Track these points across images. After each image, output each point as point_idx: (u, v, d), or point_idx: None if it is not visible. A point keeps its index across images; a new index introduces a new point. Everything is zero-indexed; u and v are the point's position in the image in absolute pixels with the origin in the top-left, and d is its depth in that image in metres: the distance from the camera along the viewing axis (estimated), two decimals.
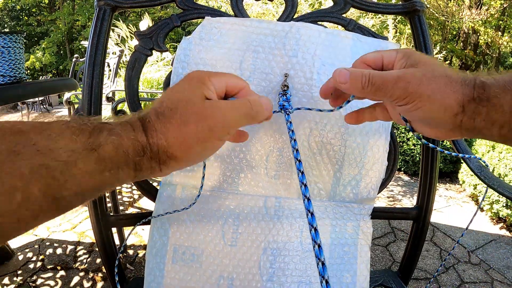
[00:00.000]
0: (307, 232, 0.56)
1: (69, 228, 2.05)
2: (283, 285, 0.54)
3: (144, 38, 0.58)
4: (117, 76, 2.38)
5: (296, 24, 0.56)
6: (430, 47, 0.62)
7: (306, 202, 0.30)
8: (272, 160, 0.55)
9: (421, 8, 0.61)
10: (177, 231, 0.55)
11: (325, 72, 0.55)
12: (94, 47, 0.57)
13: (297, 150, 0.38)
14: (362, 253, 0.58)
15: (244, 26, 0.56)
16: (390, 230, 2.18)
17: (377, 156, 0.57)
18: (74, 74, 2.76)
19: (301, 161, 0.36)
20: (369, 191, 0.57)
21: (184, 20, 0.59)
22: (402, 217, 0.66)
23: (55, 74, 14.00)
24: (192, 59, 0.55)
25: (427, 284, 1.37)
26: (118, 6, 0.59)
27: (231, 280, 0.54)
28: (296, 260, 0.55)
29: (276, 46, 0.55)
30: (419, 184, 0.65)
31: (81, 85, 0.75)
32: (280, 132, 0.54)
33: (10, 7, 14.52)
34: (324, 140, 0.54)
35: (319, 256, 0.26)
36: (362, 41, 0.58)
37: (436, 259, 1.88)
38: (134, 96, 0.58)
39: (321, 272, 0.25)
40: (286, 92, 0.50)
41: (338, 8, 0.61)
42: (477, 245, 2.04)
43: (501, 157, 2.38)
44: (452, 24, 7.30)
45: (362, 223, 0.58)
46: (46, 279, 1.55)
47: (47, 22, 13.33)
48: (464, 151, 0.62)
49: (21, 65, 1.23)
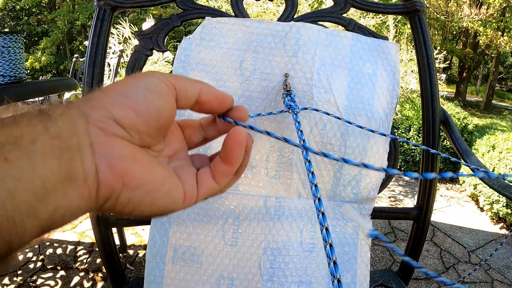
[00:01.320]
0: (307, 232, 0.56)
1: (69, 228, 2.05)
2: (283, 285, 0.54)
3: (144, 38, 0.58)
4: (117, 76, 2.37)
5: (296, 24, 0.56)
6: (430, 47, 0.62)
7: (317, 203, 0.30)
8: (272, 160, 0.55)
9: (421, 8, 0.61)
10: (177, 231, 0.55)
11: (325, 72, 0.55)
12: (94, 47, 0.57)
13: (307, 151, 0.38)
14: (362, 253, 0.58)
15: (244, 26, 0.56)
16: (390, 230, 2.18)
17: (377, 156, 0.57)
18: (74, 74, 2.76)
19: (310, 162, 0.36)
20: (369, 191, 0.57)
21: (184, 20, 0.59)
22: (402, 217, 0.66)
23: (55, 74, 14.00)
24: (192, 59, 0.55)
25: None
26: (118, 6, 0.59)
27: (231, 280, 0.54)
28: (296, 260, 0.55)
29: (276, 46, 0.55)
30: (420, 184, 0.65)
31: (81, 85, 0.76)
32: (280, 132, 0.54)
33: (10, 7, 14.53)
34: (324, 140, 0.54)
35: (331, 256, 0.26)
36: (362, 41, 0.58)
37: (436, 259, 1.88)
38: None
39: (333, 272, 0.26)
40: (291, 92, 0.50)
41: (338, 8, 0.61)
42: (477, 245, 2.04)
43: (501, 157, 2.38)
44: (452, 24, 7.30)
45: (362, 223, 0.58)
46: (46, 279, 1.55)
47: (47, 21, 13.33)
48: (465, 151, 0.62)
49: (21, 65, 1.23)
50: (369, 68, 0.57)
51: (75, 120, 0.19)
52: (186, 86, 0.23)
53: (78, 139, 0.18)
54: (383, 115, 0.57)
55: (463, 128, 3.11)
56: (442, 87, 3.92)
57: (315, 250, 0.56)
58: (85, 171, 0.18)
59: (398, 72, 0.58)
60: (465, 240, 2.09)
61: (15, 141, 0.16)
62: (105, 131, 0.19)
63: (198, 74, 0.54)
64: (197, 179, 0.24)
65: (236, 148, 0.24)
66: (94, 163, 0.19)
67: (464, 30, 8.48)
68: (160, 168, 0.22)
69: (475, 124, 5.20)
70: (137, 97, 0.21)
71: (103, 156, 0.19)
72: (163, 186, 0.22)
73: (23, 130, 0.17)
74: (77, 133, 0.18)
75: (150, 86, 0.21)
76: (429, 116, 0.62)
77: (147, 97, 0.21)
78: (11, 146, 0.16)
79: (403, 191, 2.82)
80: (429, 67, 0.62)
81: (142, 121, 0.21)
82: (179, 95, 0.23)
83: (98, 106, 0.20)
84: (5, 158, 0.16)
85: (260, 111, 0.54)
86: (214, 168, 0.25)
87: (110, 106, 0.20)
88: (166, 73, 0.23)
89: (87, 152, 0.19)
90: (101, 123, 0.19)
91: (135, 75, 0.22)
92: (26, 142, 0.17)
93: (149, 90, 0.21)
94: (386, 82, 0.57)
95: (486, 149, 2.59)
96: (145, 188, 0.21)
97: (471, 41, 9.11)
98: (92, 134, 0.19)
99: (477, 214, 2.45)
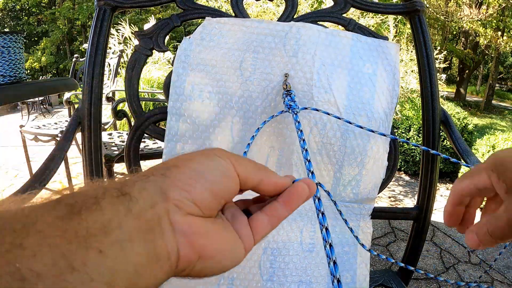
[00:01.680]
0: (307, 232, 0.56)
1: None
2: (283, 284, 0.54)
3: (144, 38, 0.58)
4: (117, 76, 2.37)
5: (296, 24, 0.56)
6: (430, 47, 0.62)
7: (317, 202, 0.30)
8: (272, 160, 0.55)
9: (421, 8, 0.61)
10: None
11: (325, 72, 0.55)
12: (94, 47, 0.57)
13: (306, 150, 0.38)
14: (362, 253, 0.58)
15: (244, 26, 0.56)
16: (390, 230, 2.18)
17: (377, 156, 0.57)
18: (74, 74, 2.76)
19: (310, 161, 0.36)
20: (369, 191, 0.57)
21: (184, 20, 0.59)
22: (402, 217, 0.66)
23: (55, 74, 14.01)
24: (192, 59, 0.55)
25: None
26: (118, 6, 0.59)
27: (231, 279, 0.54)
28: (296, 260, 0.55)
29: (276, 46, 0.55)
30: (420, 184, 0.65)
31: (81, 85, 0.76)
32: (280, 132, 0.54)
33: (10, 7, 14.52)
34: (324, 140, 0.54)
35: (331, 256, 0.26)
36: (362, 41, 0.58)
37: (436, 259, 1.88)
38: (134, 96, 0.58)
39: (333, 272, 0.26)
40: (291, 92, 0.50)
41: (338, 8, 0.61)
42: None
43: None
44: (451, 24, 7.31)
45: (362, 223, 0.58)
46: None
47: (47, 21, 13.33)
48: (465, 151, 0.62)
49: (21, 65, 1.23)
50: (369, 68, 0.57)
51: (155, 199, 0.20)
52: (249, 174, 0.25)
53: (159, 219, 0.20)
54: (383, 115, 0.57)
55: (463, 128, 3.11)
56: (442, 87, 3.92)
57: (315, 250, 0.56)
58: (168, 250, 0.20)
59: (398, 72, 0.58)
60: (465, 240, 2.09)
61: (104, 229, 0.17)
62: (182, 210, 0.21)
63: (198, 74, 0.54)
64: (251, 226, 0.26)
65: (300, 198, 0.27)
66: (176, 241, 0.20)
67: (464, 30, 8.48)
68: (226, 234, 0.24)
69: (475, 124, 5.20)
70: (214, 179, 0.23)
71: (183, 234, 0.21)
72: (231, 251, 0.24)
73: (109, 215, 0.18)
74: (158, 212, 0.20)
75: (223, 169, 0.24)
76: (429, 116, 0.62)
77: (222, 180, 0.23)
78: (101, 235, 0.17)
79: (403, 191, 2.82)
80: (429, 67, 0.62)
81: (215, 201, 0.23)
82: (241, 181, 0.25)
83: (177, 184, 0.21)
84: (99, 250, 0.16)
85: (260, 111, 0.54)
86: (271, 213, 0.27)
87: (189, 186, 0.22)
88: (231, 155, 0.25)
89: (169, 230, 0.20)
90: (180, 202, 0.21)
91: (206, 153, 0.24)
92: (113, 228, 0.17)
93: (223, 173, 0.24)
94: (386, 82, 0.57)
95: (486, 149, 2.59)
96: (218, 257, 0.23)
97: (471, 41, 9.11)
98: (171, 212, 0.21)
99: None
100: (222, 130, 0.54)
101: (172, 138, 0.54)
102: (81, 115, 0.58)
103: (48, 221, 0.16)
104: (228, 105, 0.54)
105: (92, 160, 0.57)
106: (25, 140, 2.03)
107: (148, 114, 0.57)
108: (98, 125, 0.58)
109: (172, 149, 0.54)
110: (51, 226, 0.16)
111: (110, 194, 0.19)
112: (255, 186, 0.26)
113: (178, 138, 0.54)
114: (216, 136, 0.54)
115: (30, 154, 2.16)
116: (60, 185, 2.48)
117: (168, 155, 0.54)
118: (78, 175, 2.69)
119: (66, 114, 5.52)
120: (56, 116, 6.52)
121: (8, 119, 5.97)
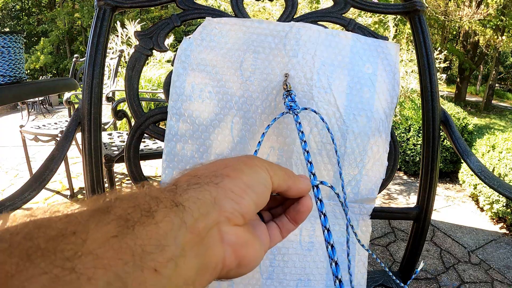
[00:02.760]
0: (307, 231, 0.57)
1: None
2: (282, 283, 0.54)
3: (144, 38, 0.58)
4: (117, 76, 2.37)
5: (296, 24, 0.56)
6: (430, 47, 0.62)
7: (319, 204, 0.30)
8: (272, 160, 0.55)
9: (421, 8, 0.61)
10: None
11: (325, 72, 0.55)
12: (94, 47, 0.57)
13: (308, 152, 0.37)
14: (360, 251, 0.58)
15: (244, 26, 0.56)
16: (390, 230, 2.18)
17: (377, 156, 0.57)
18: (74, 74, 2.76)
19: (312, 163, 0.36)
20: (369, 191, 0.57)
21: (184, 20, 0.59)
22: (402, 217, 0.66)
23: (55, 74, 14.00)
24: (193, 59, 0.55)
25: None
26: (118, 6, 0.59)
27: None
28: (295, 259, 0.55)
29: (277, 46, 0.55)
30: (420, 184, 0.65)
31: (81, 85, 0.76)
32: (280, 132, 0.54)
33: (10, 7, 14.52)
34: (324, 140, 0.55)
35: (332, 257, 0.27)
36: (362, 41, 0.58)
37: (436, 259, 1.88)
38: (134, 96, 0.58)
39: (335, 272, 0.26)
40: (291, 92, 0.50)
41: (338, 8, 0.61)
42: (477, 245, 2.05)
43: (501, 157, 2.38)
44: (451, 24, 7.30)
45: (361, 223, 0.58)
46: None
47: (48, 21, 13.32)
48: (465, 151, 0.62)
49: (21, 65, 1.23)
50: (369, 68, 0.57)
51: (209, 210, 0.21)
52: (281, 183, 0.27)
53: (209, 230, 0.20)
54: (383, 115, 0.57)
55: (463, 128, 3.11)
56: (442, 87, 3.91)
57: (314, 249, 0.56)
58: (216, 261, 0.21)
59: (398, 72, 0.58)
60: (465, 240, 2.10)
61: (159, 246, 0.17)
62: (231, 221, 0.22)
63: (199, 74, 0.54)
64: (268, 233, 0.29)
65: (307, 214, 0.30)
66: (223, 251, 0.21)
67: (464, 30, 8.48)
68: (256, 242, 0.25)
69: (475, 124, 5.19)
70: (259, 192, 0.24)
71: (230, 244, 0.22)
72: (259, 257, 0.25)
73: (164, 229, 0.17)
74: (209, 223, 0.20)
75: (265, 182, 0.25)
76: (429, 116, 0.62)
77: (264, 193, 0.25)
78: (157, 253, 0.16)
79: (398, 190, 2.83)
80: (429, 67, 0.62)
81: (256, 211, 0.24)
82: (272, 189, 0.27)
83: (230, 196, 0.22)
84: (154, 269, 0.16)
85: (261, 111, 0.54)
86: (282, 226, 0.30)
87: (240, 199, 0.23)
88: (268, 165, 0.27)
89: (218, 241, 0.21)
90: (230, 214, 0.22)
91: (249, 163, 0.26)
92: (169, 244, 0.17)
93: (265, 186, 0.25)
94: (386, 82, 0.57)
95: (486, 149, 2.59)
96: (251, 264, 0.24)
97: (470, 41, 9.11)
98: (221, 223, 0.21)
99: (477, 214, 2.45)
100: (222, 130, 0.54)
101: (172, 138, 0.54)
102: (81, 115, 0.58)
103: (100, 239, 0.15)
104: (228, 105, 0.54)
105: (92, 160, 0.57)
106: (25, 140, 2.03)
107: (148, 114, 0.57)
108: (98, 125, 0.58)
109: (172, 149, 0.54)
110: (104, 245, 0.15)
111: (164, 205, 0.19)
112: (282, 192, 0.28)
113: (178, 138, 0.54)
114: (216, 136, 0.54)
115: (30, 154, 2.17)
116: (60, 185, 2.48)
117: (168, 155, 0.54)
118: (78, 175, 2.69)
119: (66, 114, 5.52)
120: (56, 116, 6.52)
121: (8, 119, 5.96)
